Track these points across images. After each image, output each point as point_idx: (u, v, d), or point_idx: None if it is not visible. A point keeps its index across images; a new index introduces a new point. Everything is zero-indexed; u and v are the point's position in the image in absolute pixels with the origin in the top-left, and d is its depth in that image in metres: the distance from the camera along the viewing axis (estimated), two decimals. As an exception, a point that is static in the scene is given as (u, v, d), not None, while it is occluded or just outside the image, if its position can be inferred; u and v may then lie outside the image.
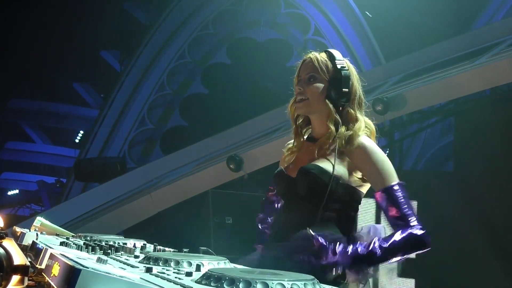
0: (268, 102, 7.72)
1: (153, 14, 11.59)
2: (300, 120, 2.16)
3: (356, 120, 2.02)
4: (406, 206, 1.88)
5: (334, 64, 2.03)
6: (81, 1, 12.94)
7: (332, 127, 1.99)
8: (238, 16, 10.84)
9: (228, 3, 10.81)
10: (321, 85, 2.03)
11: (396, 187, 1.91)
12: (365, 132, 2.02)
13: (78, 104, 15.76)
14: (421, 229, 1.83)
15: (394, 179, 1.93)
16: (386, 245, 1.79)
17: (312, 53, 2.09)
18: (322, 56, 2.06)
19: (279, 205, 2.28)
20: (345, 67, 2.03)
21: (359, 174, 2.00)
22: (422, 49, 6.48)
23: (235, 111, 8.74)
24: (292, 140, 2.19)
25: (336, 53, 2.07)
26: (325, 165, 1.97)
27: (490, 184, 5.34)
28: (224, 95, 10.11)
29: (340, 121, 2.01)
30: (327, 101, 2.01)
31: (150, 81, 10.74)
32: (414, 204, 5.58)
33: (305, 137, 2.16)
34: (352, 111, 2.02)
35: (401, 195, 1.90)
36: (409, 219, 1.85)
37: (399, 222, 1.86)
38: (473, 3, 9.63)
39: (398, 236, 1.81)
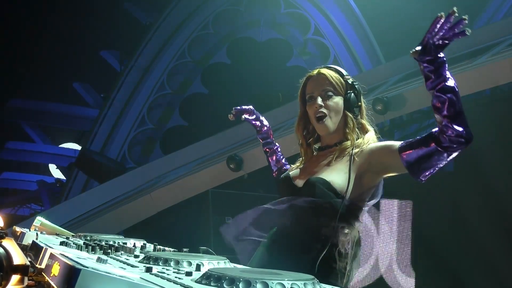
0: (268, 102, 7.72)
1: (153, 13, 11.58)
2: (305, 132, 2.22)
3: (367, 131, 2.13)
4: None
5: (345, 80, 2.12)
6: (81, 0, 12.92)
7: (354, 136, 2.08)
8: (238, 16, 10.83)
9: (228, 3, 10.81)
10: (339, 100, 2.11)
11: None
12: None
13: (78, 104, 15.72)
14: None
15: None
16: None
17: (319, 69, 2.16)
18: (332, 72, 2.14)
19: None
20: (355, 81, 2.13)
21: (370, 179, 2.00)
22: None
23: (235, 111, 8.71)
24: (299, 160, 2.23)
25: (341, 69, 2.17)
26: (336, 178, 1.97)
27: (490, 184, 5.34)
28: (224, 95, 10.09)
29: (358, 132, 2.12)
30: (348, 113, 2.09)
31: (150, 81, 10.73)
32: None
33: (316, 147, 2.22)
34: (364, 122, 2.14)
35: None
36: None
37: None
38: (473, 3, 9.62)
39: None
